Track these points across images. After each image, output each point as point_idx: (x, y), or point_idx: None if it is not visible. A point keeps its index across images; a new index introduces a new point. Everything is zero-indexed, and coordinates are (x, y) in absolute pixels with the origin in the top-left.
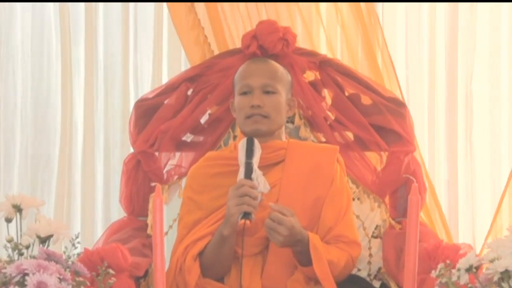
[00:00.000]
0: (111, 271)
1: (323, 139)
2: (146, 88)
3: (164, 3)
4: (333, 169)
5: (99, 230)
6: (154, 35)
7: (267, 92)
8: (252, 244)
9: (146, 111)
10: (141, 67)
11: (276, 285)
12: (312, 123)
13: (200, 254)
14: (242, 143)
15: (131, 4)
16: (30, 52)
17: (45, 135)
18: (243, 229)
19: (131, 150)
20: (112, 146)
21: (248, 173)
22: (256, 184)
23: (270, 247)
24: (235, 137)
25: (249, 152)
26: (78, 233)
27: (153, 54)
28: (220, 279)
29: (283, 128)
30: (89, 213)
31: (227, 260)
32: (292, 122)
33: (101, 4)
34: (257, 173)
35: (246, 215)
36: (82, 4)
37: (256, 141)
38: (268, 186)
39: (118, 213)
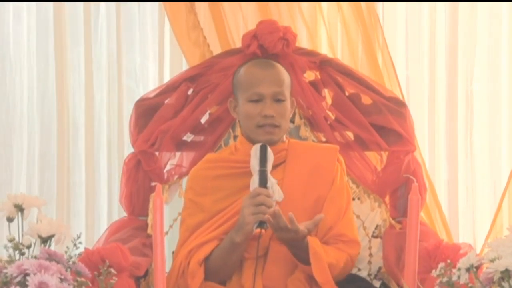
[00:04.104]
0: (112, 270)
1: (323, 139)
2: (147, 87)
3: (162, 5)
4: (334, 168)
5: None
6: (157, 35)
7: (278, 100)
8: (257, 247)
9: (146, 111)
10: (143, 66)
11: (277, 285)
12: (312, 123)
13: (205, 259)
14: (254, 150)
15: (133, 4)
16: (33, 53)
17: (51, 136)
18: (259, 237)
19: (130, 150)
20: (113, 146)
21: (263, 182)
22: (272, 193)
23: (270, 247)
24: (235, 137)
25: (263, 160)
26: (80, 233)
27: (155, 53)
28: (222, 282)
29: None
30: (91, 213)
31: (235, 266)
32: (292, 122)
33: (102, 4)
34: (271, 181)
35: (262, 224)
36: (82, 4)
37: (269, 148)
38: (281, 194)
39: (119, 213)
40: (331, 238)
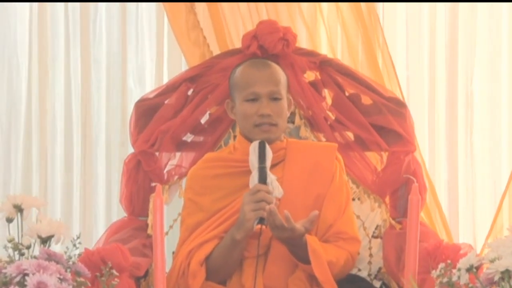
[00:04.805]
0: (114, 272)
1: (324, 139)
2: (147, 88)
3: (162, 5)
4: (333, 166)
5: (100, 231)
6: (156, 35)
7: (274, 99)
8: (257, 246)
9: (146, 111)
10: (142, 67)
11: (278, 284)
12: (312, 123)
13: (206, 258)
14: (253, 147)
15: (132, 4)
16: (35, 54)
17: (48, 135)
18: (260, 233)
19: (131, 150)
20: (113, 146)
21: (263, 178)
22: (271, 189)
23: (271, 246)
24: (235, 137)
25: (262, 157)
26: (79, 233)
27: (154, 54)
28: (222, 282)
29: None
30: (89, 214)
31: (236, 264)
32: (292, 122)
33: (101, 4)
34: (271, 177)
35: (262, 220)
36: (82, 4)
37: (267, 145)
38: (281, 191)
39: (118, 213)
40: (331, 235)
